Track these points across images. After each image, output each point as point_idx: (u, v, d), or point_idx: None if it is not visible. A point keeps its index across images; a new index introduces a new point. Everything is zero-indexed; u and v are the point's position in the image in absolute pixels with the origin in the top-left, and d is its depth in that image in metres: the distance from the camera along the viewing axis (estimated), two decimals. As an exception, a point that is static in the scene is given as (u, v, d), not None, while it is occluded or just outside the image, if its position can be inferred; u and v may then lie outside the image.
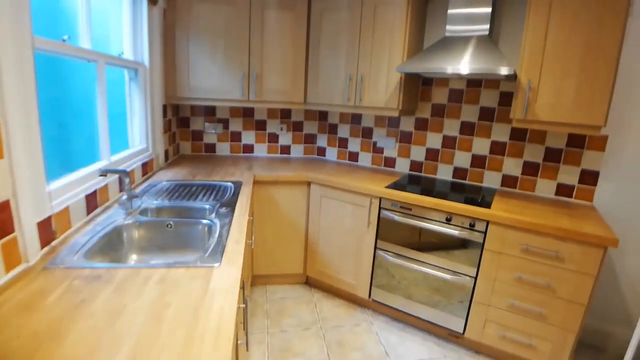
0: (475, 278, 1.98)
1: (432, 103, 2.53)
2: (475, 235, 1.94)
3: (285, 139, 3.08)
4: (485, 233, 1.91)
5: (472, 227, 1.94)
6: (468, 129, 2.43)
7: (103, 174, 1.56)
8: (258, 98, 2.60)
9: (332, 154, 3.06)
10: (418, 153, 2.65)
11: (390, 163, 2.79)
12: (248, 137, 3.03)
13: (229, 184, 2.13)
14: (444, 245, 2.06)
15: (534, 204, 2.04)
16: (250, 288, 2.62)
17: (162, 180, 2.12)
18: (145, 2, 2.12)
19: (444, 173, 2.57)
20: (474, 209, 1.91)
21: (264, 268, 2.61)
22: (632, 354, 1.55)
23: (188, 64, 2.48)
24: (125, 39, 2.08)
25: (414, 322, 2.32)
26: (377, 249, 2.29)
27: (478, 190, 2.29)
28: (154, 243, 1.56)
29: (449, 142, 2.51)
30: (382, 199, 2.21)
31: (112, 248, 1.40)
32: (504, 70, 1.78)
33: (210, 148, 3.01)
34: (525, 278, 1.84)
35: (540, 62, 1.85)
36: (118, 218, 1.51)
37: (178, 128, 2.91)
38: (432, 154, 2.60)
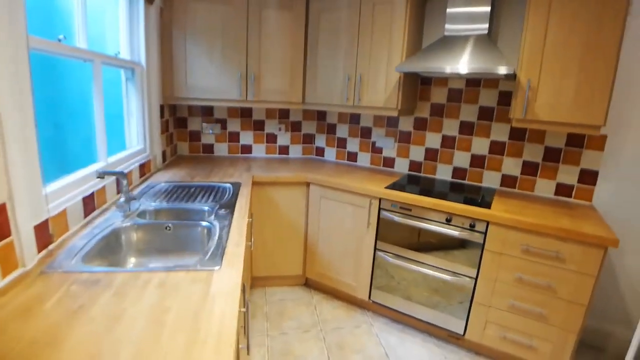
0: (476, 279, 1.98)
1: (431, 103, 2.53)
2: (476, 236, 1.94)
3: (284, 139, 3.06)
4: (486, 233, 1.91)
5: (472, 227, 1.94)
6: (467, 129, 2.43)
7: (100, 176, 1.55)
8: (256, 98, 2.58)
9: (330, 154, 3.05)
10: (417, 153, 2.64)
11: (389, 163, 2.78)
12: (246, 137, 3.01)
13: (228, 185, 2.11)
14: (444, 246, 2.05)
15: (534, 204, 2.04)
16: (250, 290, 2.60)
17: (160, 182, 2.10)
18: (142, 1, 2.09)
19: (443, 173, 2.56)
20: (474, 210, 1.91)
21: (263, 270, 2.59)
22: (632, 354, 1.55)
23: (185, 64, 2.46)
24: (122, 39, 2.06)
25: (414, 323, 2.31)
26: (376, 250, 2.28)
27: (477, 190, 2.29)
28: (153, 246, 1.54)
29: (448, 142, 2.51)
30: (381, 200, 2.20)
31: (110, 251, 1.38)
32: (503, 70, 1.77)
33: (208, 148, 2.99)
34: (526, 279, 1.83)
35: (540, 61, 1.85)
36: (116, 220, 1.49)
37: (175, 128, 2.88)
38: (431, 154, 2.59)
